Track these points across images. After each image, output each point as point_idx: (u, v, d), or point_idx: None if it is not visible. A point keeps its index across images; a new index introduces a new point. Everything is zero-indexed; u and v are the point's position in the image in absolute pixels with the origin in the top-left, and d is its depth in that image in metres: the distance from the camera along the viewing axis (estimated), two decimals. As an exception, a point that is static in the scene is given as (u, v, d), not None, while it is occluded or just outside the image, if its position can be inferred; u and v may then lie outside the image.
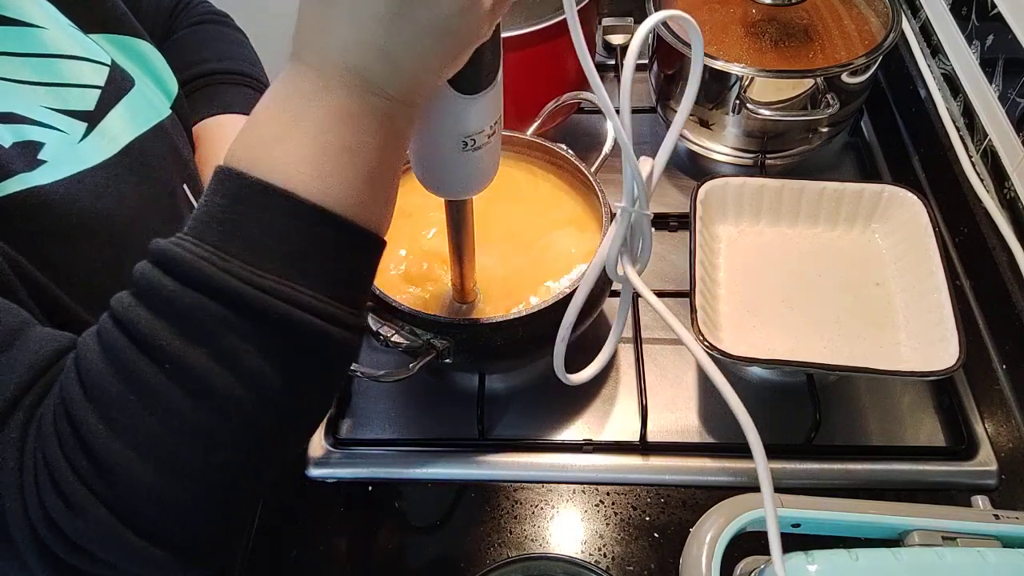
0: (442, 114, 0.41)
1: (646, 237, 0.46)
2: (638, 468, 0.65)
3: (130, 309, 0.35)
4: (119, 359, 0.34)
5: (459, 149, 0.43)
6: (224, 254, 0.34)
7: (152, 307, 0.34)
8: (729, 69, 0.76)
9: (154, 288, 0.34)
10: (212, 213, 0.35)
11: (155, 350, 0.34)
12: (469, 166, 0.45)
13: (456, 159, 0.44)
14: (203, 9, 0.74)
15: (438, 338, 0.58)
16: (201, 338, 0.34)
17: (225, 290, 0.33)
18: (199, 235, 0.35)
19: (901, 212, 0.70)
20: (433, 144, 0.43)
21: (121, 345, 0.34)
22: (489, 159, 0.46)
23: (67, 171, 0.46)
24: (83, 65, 0.51)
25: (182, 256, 0.34)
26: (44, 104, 0.48)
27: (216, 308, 0.33)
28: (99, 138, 0.49)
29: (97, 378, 0.34)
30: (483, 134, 0.43)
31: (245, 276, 0.34)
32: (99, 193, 0.47)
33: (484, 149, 0.44)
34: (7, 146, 0.44)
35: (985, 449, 0.64)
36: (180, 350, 0.33)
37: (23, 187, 0.43)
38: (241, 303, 0.33)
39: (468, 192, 0.49)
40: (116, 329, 0.35)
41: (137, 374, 0.34)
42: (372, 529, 0.64)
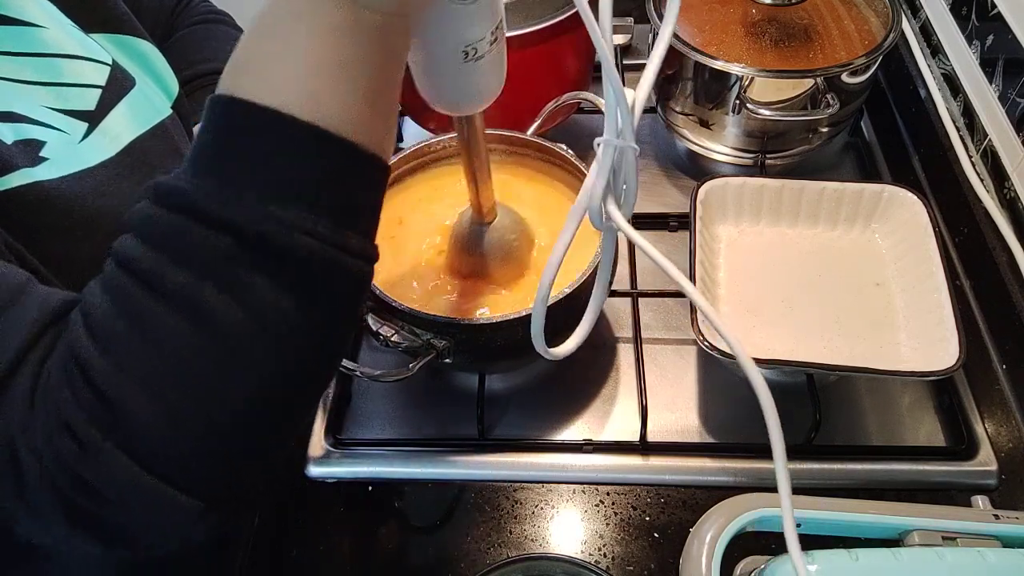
0: (439, 25, 0.40)
1: (631, 175, 0.42)
2: (638, 468, 0.65)
3: (131, 248, 0.34)
4: (123, 298, 0.33)
5: (461, 60, 0.42)
6: (224, 184, 0.33)
7: (154, 244, 0.33)
8: (729, 69, 0.76)
9: (155, 225, 0.33)
10: (207, 143, 0.34)
11: (159, 286, 0.33)
12: (474, 77, 0.44)
13: (459, 71, 0.43)
14: (204, 8, 0.74)
15: (438, 338, 0.58)
16: (206, 272, 0.33)
17: (227, 221, 0.32)
18: (197, 169, 0.34)
19: (901, 212, 0.70)
20: (435, 58, 0.42)
21: (124, 284, 0.33)
22: (493, 69, 0.45)
23: (69, 169, 0.46)
24: (84, 64, 0.51)
25: (182, 189, 0.33)
26: (45, 104, 0.48)
27: (220, 240, 0.32)
28: (100, 138, 0.50)
29: (102, 319, 0.34)
30: (484, 42, 0.42)
31: (247, 205, 0.33)
32: (101, 191, 0.47)
33: (487, 58, 0.43)
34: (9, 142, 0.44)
35: (985, 449, 0.64)
36: (184, 285, 0.33)
37: (26, 181, 0.43)
38: (244, 234, 0.32)
39: (476, 105, 0.47)
40: (118, 270, 0.34)
41: (142, 312, 0.33)
42: (372, 529, 0.64)
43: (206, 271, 0.33)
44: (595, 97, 0.73)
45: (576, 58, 0.85)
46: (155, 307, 0.33)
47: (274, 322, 0.34)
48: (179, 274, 0.33)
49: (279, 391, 0.36)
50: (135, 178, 0.51)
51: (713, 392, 0.70)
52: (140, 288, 0.33)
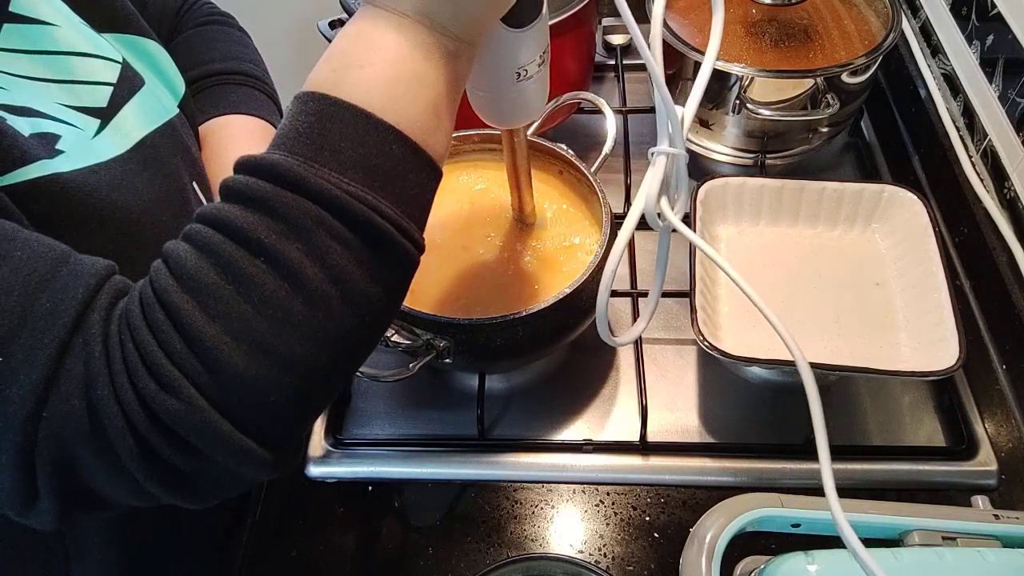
0: (497, 50, 0.46)
1: (683, 180, 0.47)
2: (638, 468, 0.65)
3: (223, 210, 0.36)
4: (214, 252, 0.36)
5: (513, 81, 0.48)
6: (314, 162, 0.36)
7: (246, 206, 0.36)
8: (729, 69, 0.76)
9: (249, 190, 0.36)
10: (297, 128, 0.38)
11: (252, 243, 0.35)
12: (523, 96, 0.50)
13: (511, 90, 0.49)
14: (208, 10, 0.74)
15: (438, 338, 0.58)
16: (295, 234, 0.36)
17: (319, 191, 0.36)
18: (288, 147, 0.37)
19: (901, 212, 0.70)
20: (491, 78, 0.49)
21: (216, 240, 0.36)
22: (539, 88, 0.51)
23: (84, 162, 0.47)
24: (96, 62, 0.51)
25: (277, 161, 0.36)
26: (58, 100, 0.48)
27: (310, 207, 0.36)
28: (113, 133, 0.50)
29: (192, 270, 0.36)
30: (534, 64, 0.48)
31: (334, 181, 0.36)
32: (114, 185, 0.48)
33: (535, 78, 0.49)
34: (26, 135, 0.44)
35: (985, 449, 0.64)
36: (276, 244, 0.35)
37: (44, 173, 0.44)
38: (333, 204, 0.36)
39: (523, 120, 0.54)
40: (208, 228, 0.36)
41: (233, 265, 0.35)
42: (372, 529, 0.64)
43: (295, 233, 0.36)
44: (594, 97, 0.73)
45: (576, 58, 0.85)
46: (248, 261, 0.35)
47: (348, 286, 0.37)
48: (271, 234, 0.35)
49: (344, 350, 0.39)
50: (146, 174, 0.51)
51: (713, 392, 0.70)
52: (233, 244, 0.36)
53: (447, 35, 0.40)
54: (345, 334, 0.38)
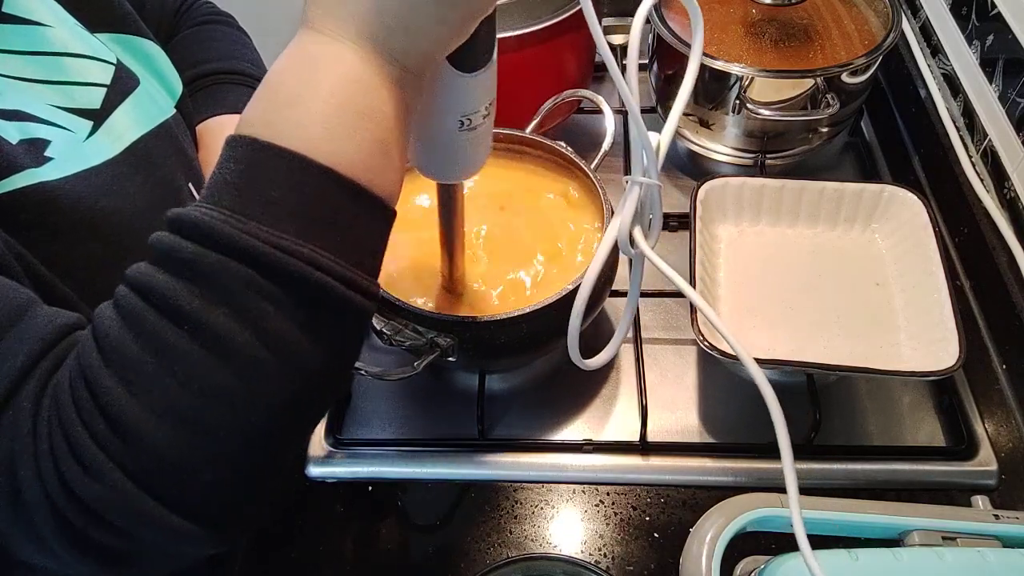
0: (442, 93, 0.43)
1: (656, 209, 0.46)
2: (638, 468, 0.65)
3: (147, 274, 0.34)
4: (137, 322, 0.34)
5: (456, 129, 0.45)
6: (242, 216, 0.34)
7: (170, 270, 0.34)
8: (729, 69, 0.76)
9: (173, 251, 0.34)
10: (226, 179, 0.35)
11: (174, 312, 0.33)
12: (464, 147, 0.47)
13: (452, 139, 0.45)
14: (206, 10, 0.74)
15: (442, 336, 0.58)
16: (222, 298, 0.33)
17: (246, 250, 0.33)
18: (215, 200, 0.35)
19: (901, 212, 0.70)
20: (432, 123, 0.45)
21: (139, 309, 0.34)
22: (482, 142, 0.47)
23: (73, 168, 0.46)
24: (89, 63, 0.51)
25: (200, 219, 0.34)
26: (50, 102, 0.48)
27: (237, 268, 0.33)
28: (105, 136, 0.50)
29: (115, 342, 0.34)
30: (479, 114, 0.45)
31: (264, 237, 0.33)
32: (105, 191, 0.47)
33: (479, 130, 0.46)
34: (14, 142, 0.44)
35: (985, 449, 0.64)
36: (200, 310, 0.33)
37: (31, 182, 0.43)
38: (262, 262, 0.33)
39: (462, 175, 0.50)
40: (133, 294, 0.34)
41: (156, 336, 0.33)
42: (372, 529, 0.64)
43: (221, 297, 0.33)
44: (593, 95, 0.73)
45: (576, 58, 0.85)
46: (170, 331, 0.33)
47: (284, 350, 0.34)
48: (194, 300, 0.33)
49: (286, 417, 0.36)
50: (138, 178, 0.51)
51: (713, 392, 0.70)
52: (155, 313, 0.33)
53: (393, 64, 0.37)
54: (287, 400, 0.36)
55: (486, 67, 0.43)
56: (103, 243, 0.47)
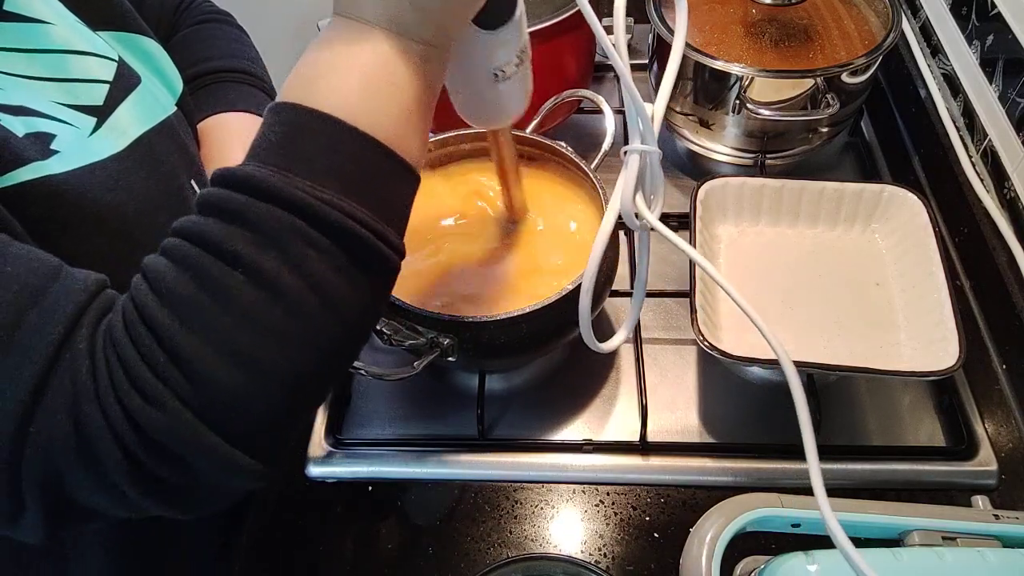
0: (471, 52, 0.46)
1: (658, 178, 0.47)
2: (638, 468, 0.65)
3: (198, 223, 0.37)
4: (192, 265, 0.36)
5: (492, 82, 0.48)
6: (287, 172, 0.37)
7: (223, 218, 0.36)
8: (729, 69, 0.76)
9: (224, 201, 0.36)
10: (271, 139, 0.38)
11: (228, 255, 0.36)
12: (503, 96, 0.50)
13: (490, 91, 0.49)
14: (206, 8, 0.74)
15: (442, 336, 0.58)
16: (272, 243, 0.36)
17: (293, 200, 0.36)
18: (261, 158, 0.38)
19: (901, 212, 0.70)
20: (468, 80, 0.48)
21: (193, 254, 0.36)
22: (520, 87, 0.50)
23: (79, 162, 0.47)
24: (91, 60, 0.51)
25: (250, 173, 0.37)
26: (54, 99, 0.48)
27: (285, 216, 0.36)
28: (108, 132, 0.50)
29: (171, 284, 0.36)
30: (511, 64, 0.48)
31: (308, 190, 0.36)
32: (110, 185, 0.48)
33: (514, 79, 0.49)
34: (20, 136, 0.44)
35: (985, 449, 0.64)
36: (252, 254, 0.36)
37: (37, 175, 0.44)
38: (308, 212, 0.36)
39: (506, 120, 0.54)
40: (185, 242, 0.37)
41: (211, 277, 0.36)
42: (372, 529, 0.64)
43: (271, 242, 0.36)
44: (593, 95, 0.73)
45: (576, 57, 0.85)
46: (225, 272, 0.36)
47: (326, 293, 0.37)
48: (247, 245, 0.36)
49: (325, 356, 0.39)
50: (142, 173, 0.51)
51: (713, 392, 0.70)
52: (210, 257, 0.36)
53: (416, 40, 0.40)
54: (327, 341, 0.38)
55: (509, 22, 0.45)
56: (109, 237, 0.47)
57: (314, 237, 0.36)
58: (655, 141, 0.45)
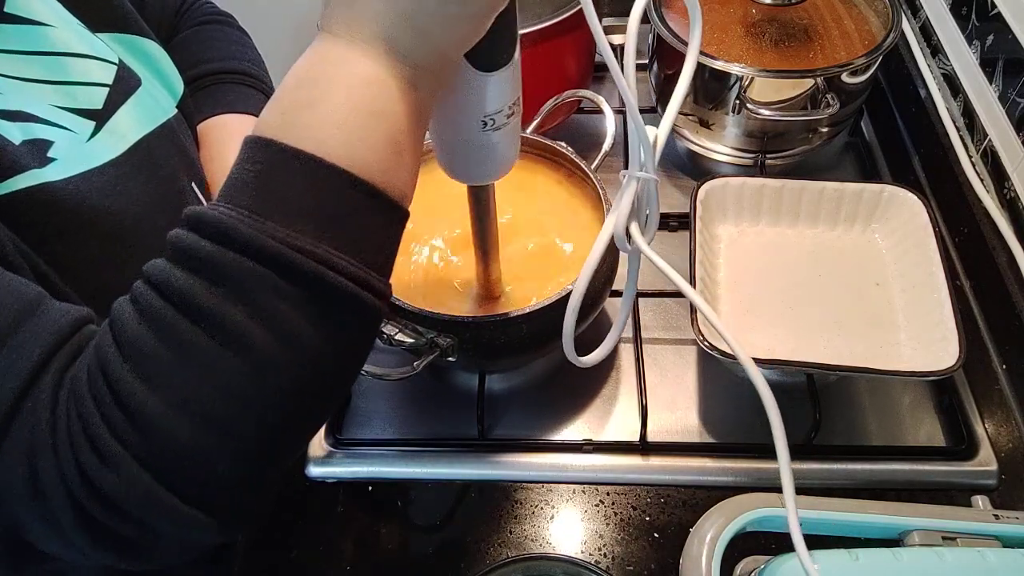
0: (462, 93, 0.43)
1: (653, 204, 0.46)
2: (638, 468, 0.65)
3: (165, 271, 0.35)
4: (156, 318, 0.34)
5: (479, 129, 0.44)
6: (260, 217, 0.34)
7: (189, 268, 0.34)
8: (729, 69, 0.76)
9: (191, 250, 0.34)
10: (244, 179, 0.36)
11: (192, 309, 0.34)
12: (490, 148, 0.46)
13: (477, 140, 0.45)
14: (207, 10, 0.74)
15: (442, 336, 0.58)
16: (239, 296, 0.34)
17: (264, 250, 0.34)
18: (233, 200, 0.35)
19: (901, 212, 0.70)
20: (455, 125, 0.45)
21: (157, 306, 0.34)
22: (509, 142, 0.47)
23: (77, 168, 0.46)
24: (91, 63, 0.51)
25: (219, 218, 0.34)
26: (52, 103, 0.48)
27: (254, 267, 0.34)
28: (107, 136, 0.50)
29: (133, 337, 0.34)
30: (502, 114, 0.44)
31: (281, 237, 0.34)
32: (108, 191, 0.47)
33: (504, 130, 0.45)
34: (17, 143, 0.44)
35: (985, 449, 0.64)
36: (218, 308, 0.34)
37: (34, 183, 0.43)
38: (279, 262, 0.34)
39: (489, 176, 0.50)
40: (151, 291, 0.35)
41: (175, 332, 0.34)
42: (372, 529, 0.64)
43: (238, 295, 0.34)
44: (594, 95, 0.73)
45: (576, 58, 0.85)
46: (188, 328, 0.34)
47: (299, 348, 0.35)
48: (212, 298, 0.34)
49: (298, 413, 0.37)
50: (141, 177, 0.51)
51: (713, 392, 0.70)
52: (173, 310, 0.34)
53: (408, 64, 0.37)
54: (301, 396, 0.36)
55: (507, 66, 0.42)
56: (107, 243, 0.47)
57: (286, 289, 0.34)
58: (655, 169, 0.44)
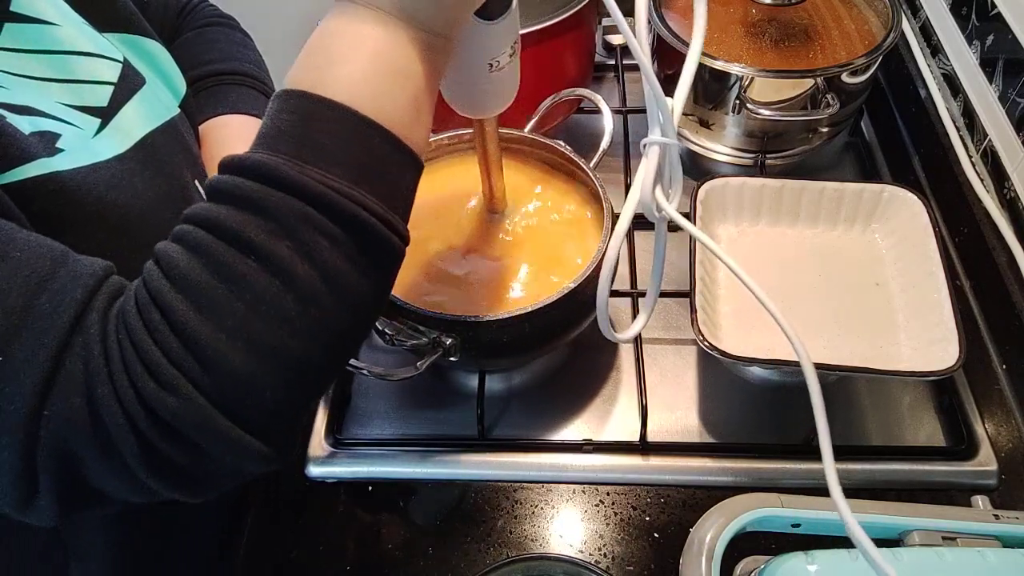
0: (471, 42, 0.48)
1: (677, 170, 0.47)
2: (638, 468, 0.65)
3: (211, 210, 0.37)
4: (206, 252, 0.36)
5: (486, 71, 0.50)
6: (299, 160, 0.37)
7: (236, 206, 0.37)
8: (729, 69, 0.76)
9: (237, 189, 0.37)
10: (280, 128, 0.38)
11: (241, 243, 0.36)
12: (496, 86, 0.52)
13: (485, 81, 0.51)
14: (209, 12, 0.74)
15: (444, 335, 0.58)
16: (285, 232, 0.36)
17: (306, 189, 0.36)
18: (272, 146, 0.38)
19: (901, 212, 0.70)
20: (464, 70, 0.50)
21: (207, 241, 0.36)
22: (512, 78, 0.53)
23: (84, 161, 0.47)
24: (97, 61, 0.51)
25: (262, 160, 0.37)
26: (59, 100, 0.48)
27: (298, 205, 0.36)
28: (113, 133, 0.50)
29: (185, 270, 0.36)
30: (505, 54, 0.50)
31: (320, 179, 0.37)
32: (113, 184, 0.48)
33: (506, 69, 0.51)
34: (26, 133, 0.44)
35: (985, 449, 0.64)
36: (267, 242, 0.36)
37: (43, 172, 0.44)
38: (321, 201, 0.36)
39: (496, 109, 0.55)
40: (198, 229, 0.37)
41: (225, 264, 0.36)
42: (372, 529, 0.64)
43: (285, 231, 0.36)
44: (592, 94, 0.73)
45: (576, 58, 0.85)
46: (239, 260, 0.36)
47: (336, 280, 0.38)
48: (261, 232, 0.36)
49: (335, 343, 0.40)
50: (146, 173, 0.51)
51: (713, 392, 0.70)
52: (224, 244, 0.36)
53: (425, 30, 0.40)
54: (336, 328, 0.39)
55: (507, 13, 0.47)
56: (112, 236, 0.47)
57: (327, 226, 0.37)
58: (675, 133, 0.46)
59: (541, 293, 0.60)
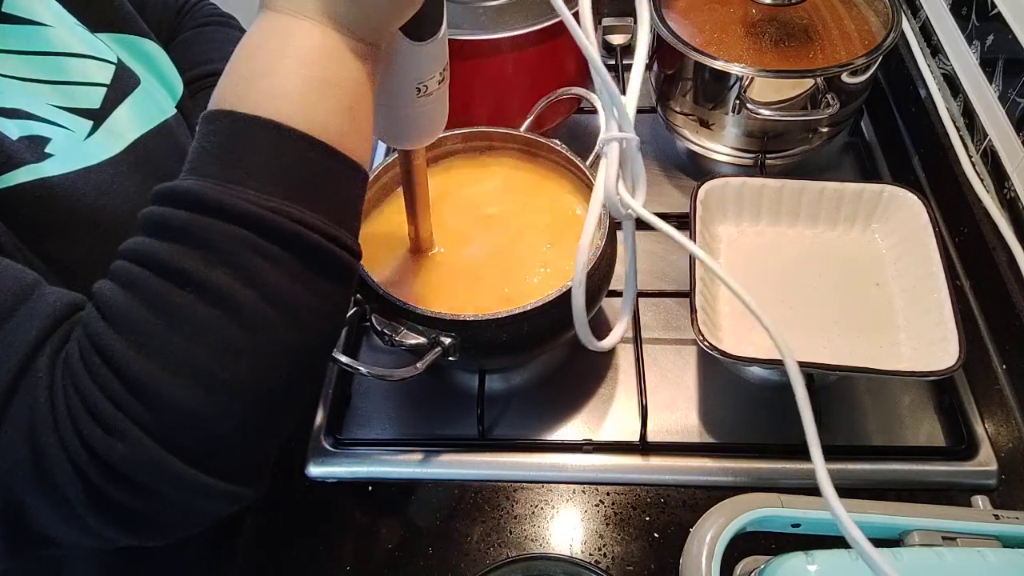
0: (399, 62, 0.46)
1: (638, 165, 0.46)
2: (638, 468, 0.65)
3: (143, 244, 0.36)
4: (141, 288, 0.35)
5: (414, 95, 0.48)
6: (229, 183, 0.36)
7: (166, 237, 0.35)
8: (729, 69, 0.76)
9: (166, 219, 0.35)
10: (208, 151, 0.37)
11: (176, 274, 0.35)
12: (423, 113, 0.50)
13: (412, 106, 0.49)
14: (208, 11, 0.74)
15: (443, 335, 0.58)
16: (221, 258, 0.35)
17: (238, 211, 0.35)
18: (200, 171, 0.36)
19: (901, 212, 0.70)
20: (391, 91, 0.48)
21: (141, 277, 0.35)
22: (439, 109, 0.51)
23: (74, 165, 0.46)
24: (89, 63, 0.51)
25: (189, 188, 0.36)
26: (50, 102, 0.48)
27: (232, 229, 0.35)
28: (105, 135, 0.50)
29: (121, 310, 0.35)
30: (433, 80, 0.48)
31: (254, 200, 0.35)
32: (105, 189, 0.48)
33: (434, 96, 0.49)
34: (14, 139, 0.44)
35: (985, 449, 0.64)
36: (202, 272, 0.35)
37: (31, 178, 0.43)
38: (255, 223, 0.35)
39: (421, 140, 0.53)
40: (133, 264, 0.36)
41: (161, 298, 0.35)
42: (372, 529, 0.64)
43: (220, 257, 0.35)
44: (586, 92, 0.73)
45: (575, 58, 0.85)
46: (175, 292, 0.35)
47: (285, 303, 0.36)
48: (194, 260, 0.35)
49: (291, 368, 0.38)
50: (138, 177, 0.51)
51: (713, 392, 0.70)
52: (157, 278, 0.35)
53: (353, 37, 0.39)
54: (291, 351, 0.37)
55: (436, 36, 0.46)
56: (102, 240, 0.47)
57: (266, 248, 0.35)
58: (632, 127, 0.44)
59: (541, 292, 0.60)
